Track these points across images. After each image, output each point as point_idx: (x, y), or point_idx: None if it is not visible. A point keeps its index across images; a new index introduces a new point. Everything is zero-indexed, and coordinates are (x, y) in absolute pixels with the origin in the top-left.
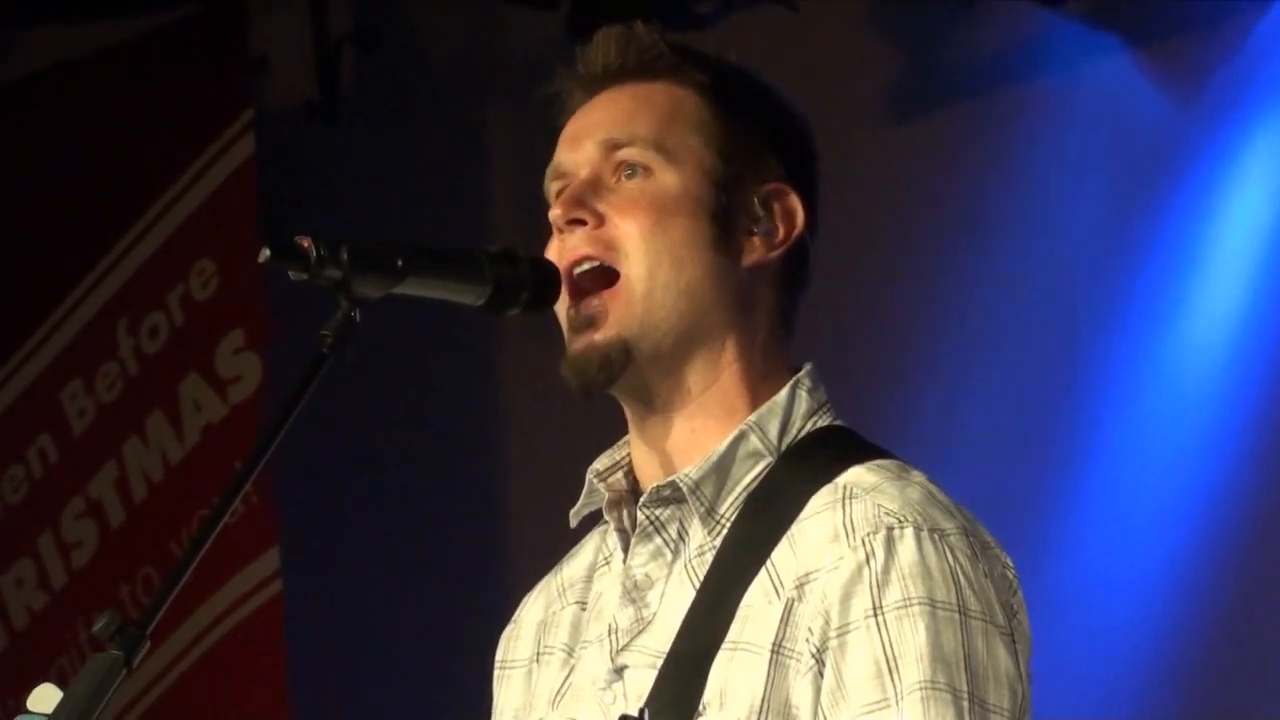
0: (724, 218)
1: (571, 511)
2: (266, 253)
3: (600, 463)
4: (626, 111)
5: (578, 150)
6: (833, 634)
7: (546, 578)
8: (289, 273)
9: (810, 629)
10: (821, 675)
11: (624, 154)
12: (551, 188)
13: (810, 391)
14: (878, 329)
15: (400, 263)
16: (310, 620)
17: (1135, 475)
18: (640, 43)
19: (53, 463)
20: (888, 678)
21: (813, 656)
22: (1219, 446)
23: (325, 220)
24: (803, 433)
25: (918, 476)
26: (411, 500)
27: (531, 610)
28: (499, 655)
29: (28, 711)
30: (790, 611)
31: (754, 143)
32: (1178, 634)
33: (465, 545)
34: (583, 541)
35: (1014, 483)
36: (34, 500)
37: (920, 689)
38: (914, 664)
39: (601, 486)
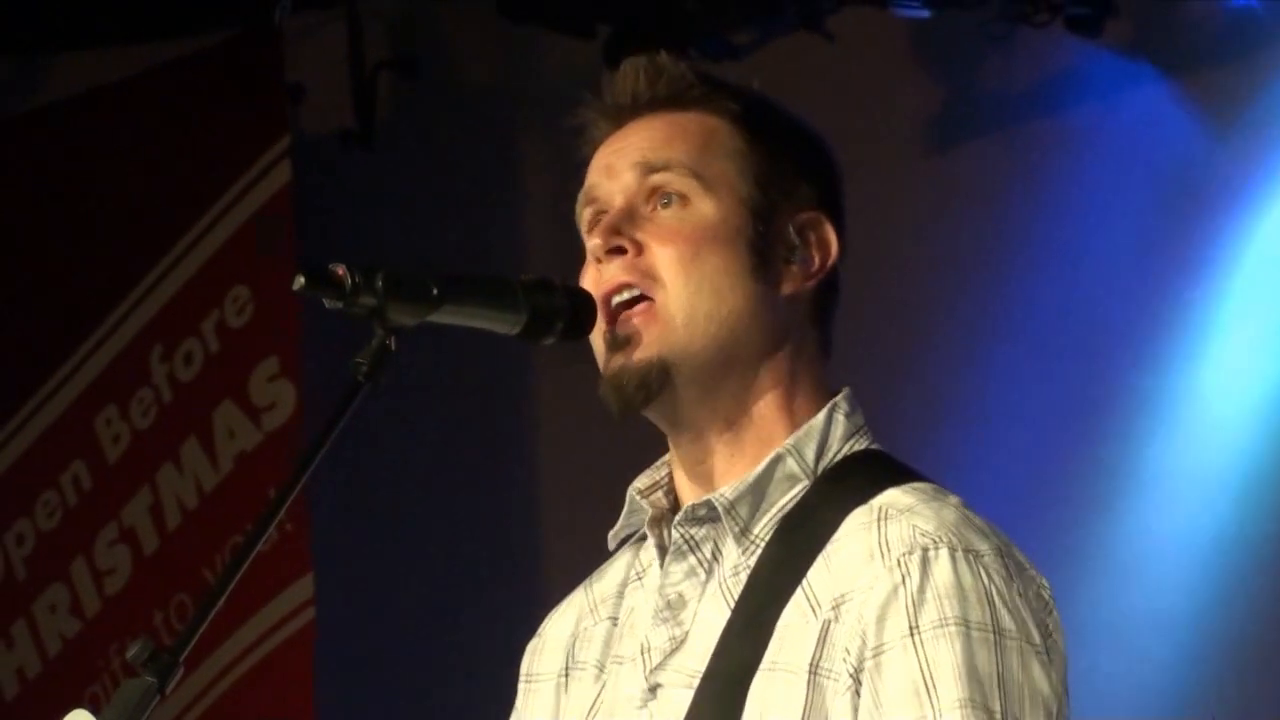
0: (761, 246)
1: (610, 533)
2: (301, 280)
3: (641, 481)
4: (663, 137)
5: (612, 177)
6: (869, 654)
7: (575, 592)
8: (324, 301)
9: (847, 649)
10: (859, 695)
11: (660, 179)
12: (584, 214)
13: (848, 415)
14: (911, 359)
15: (435, 291)
16: (342, 648)
17: (1167, 503)
18: (670, 73)
19: (87, 489)
20: (925, 696)
21: (850, 676)
22: (1249, 474)
23: (360, 247)
24: (839, 456)
25: (953, 499)
26: (444, 529)
27: (559, 624)
28: (524, 668)
29: None
30: (827, 632)
31: (787, 171)
32: (1216, 657)
33: (499, 575)
34: (614, 557)
35: (1046, 511)
36: (68, 526)
37: (959, 706)
38: (952, 682)
39: (644, 503)
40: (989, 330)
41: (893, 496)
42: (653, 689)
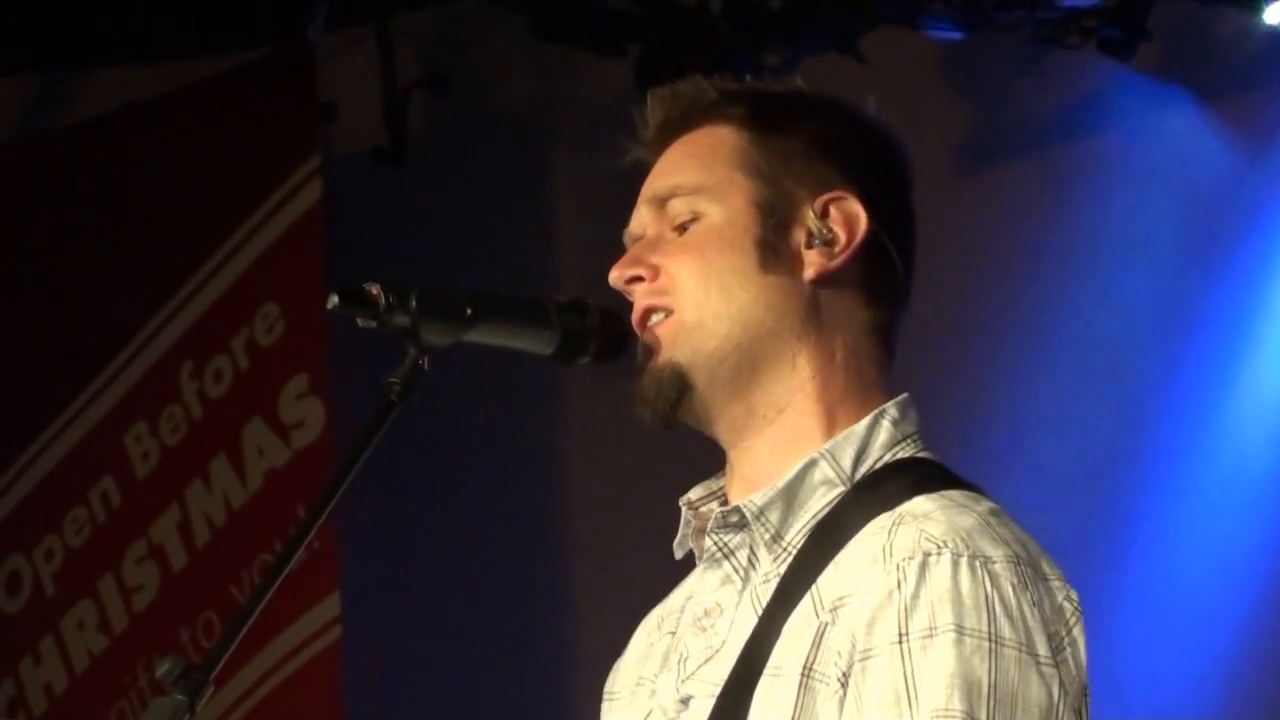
0: (772, 240)
1: (675, 543)
2: (335, 299)
3: (695, 492)
4: (672, 165)
5: (636, 216)
6: (857, 658)
7: (654, 609)
8: (357, 319)
9: (839, 652)
10: (845, 699)
11: (671, 207)
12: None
13: (896, 422)
14: (942, 377)
15: (469, 311)
16: (369, 667)
17: (1195, 523)
18: (681, 96)
19: (115, 505)
20: (905, 704)
21: (839, 680)
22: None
23: (391, 265)
24: (880, 463)
25: (982, 506)
26: (472, 548)
27: (637, 641)
28: (607, 686)
29: None
30: (822, 634)
31: (802, 158)
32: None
33: (526, 594)
34: (692, 572)
35: (1072, 530)
36: (96, 542)
37: (934, 716)
38: (932, 692)
39: (690, 515)
40: (1021, 351)
41: (917, 503)
42: (684, 700)
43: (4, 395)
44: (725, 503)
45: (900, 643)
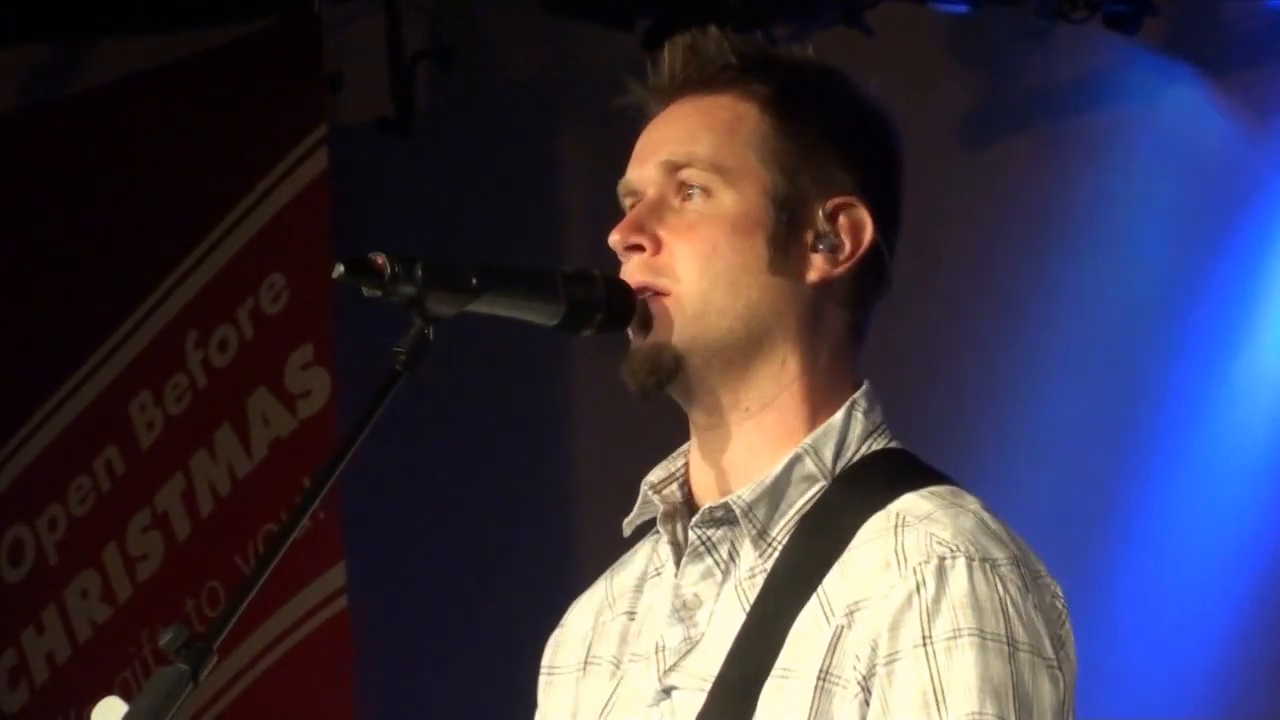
0: (783, 237)
1: (625, 521)
2: (341, 269)
3: (655, 474)
4: (688, 130)
5: (643, 168)
6: (880, 662)
7: (596, 584)
8: (362, 289)
9: (858, 656)
10: (868, 704)
11: (684, 175)
12: (625, 202)
13: (866, 414)
14: (943, 356)
15: (475, 281)
16: (375, 636)
17: (1196, 500)
18: (705, 54)
19: (120, 475)
20: (934, 708)
21: (859, 684)
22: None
23: (397, 236)
24: (858, 456)
25: (971, 503)
26: (476, 517)
27: (580, 616)
28: (545, 660)
29: None
30: (839, 639)
31: (820, 155)
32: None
33: (532, 562)
34: (634, 549)
35: (1074, 505)
36: (100, 512)
37: (969, 719)
38: (962, 695)
39: (656, 499)
40: (1025, 324)
41: (911, 502)
42: (667, 690)
43: (8, 363)
44: (685, 483)
45: (925, 645)
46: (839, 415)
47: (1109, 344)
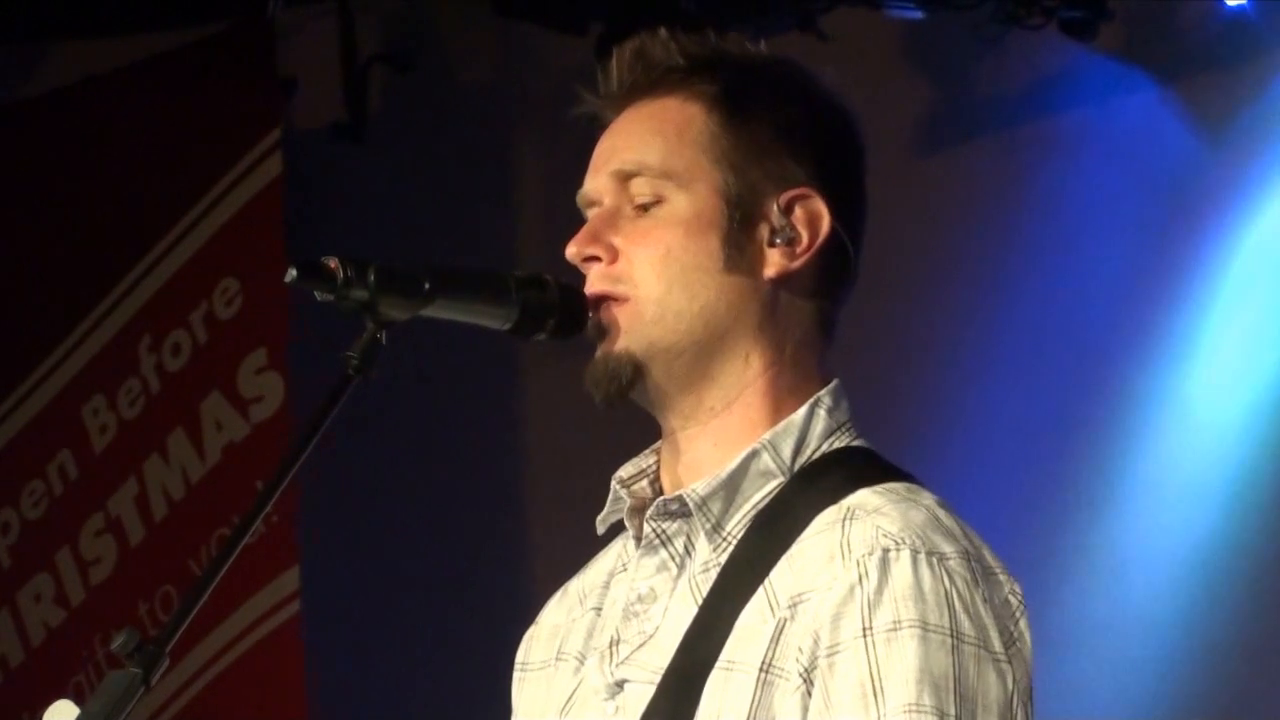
0: (738, 235)
1: (598, 519)
2: (294, 273)
3: (625, 470)
4: (638, 137)
5: (596, 179)
6: (822, 654)
7: (572, 580)
8: (315, 293)
9: (800, 648)
10: (809, 695)
11: (634, 185)
12: (586, 214)
13: (830, 411)
14: (900, 360)
15: (427, 285)
16: (329, 640)
17: (1154, 506)
18: (652, 58)
19: (73, 479)
20: (873, 699)
21: (800, 676)
22: (1237, 478)
23: (351, 241)
24: (818, 453)
25: (926, 499)
26: (431, 521)
27: (553, 614)
28: (519, 657)
29: None
30: (781, 631)
31: (771, 149)
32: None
33: (488, 566)
34: (609, 546)
35: (1033, 512)
36: (53, 516)
37: (905, 711)
38: (900, 686)
39: (624, 494)
40: (979, 331)
41: (863, 497)
42: (619, 683)
43: None
44: (656, 480)
45: (865, 636)
46: (801, 412)
47: (1064, 347)
